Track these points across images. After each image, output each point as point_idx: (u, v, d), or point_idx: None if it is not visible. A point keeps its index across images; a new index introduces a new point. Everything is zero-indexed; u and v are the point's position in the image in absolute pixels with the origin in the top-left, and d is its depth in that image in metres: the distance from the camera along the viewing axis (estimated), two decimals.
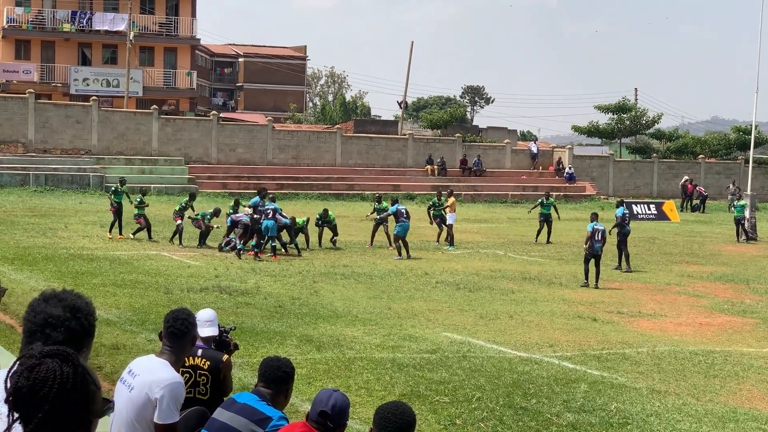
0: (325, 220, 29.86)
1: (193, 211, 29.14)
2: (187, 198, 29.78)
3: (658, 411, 11.48)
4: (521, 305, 19.58)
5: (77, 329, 3.34)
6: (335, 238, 29.97)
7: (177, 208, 28.93)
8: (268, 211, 26.12)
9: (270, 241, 26.46)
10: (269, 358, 6.29)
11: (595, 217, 24.34)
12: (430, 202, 34.01)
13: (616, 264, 27.26)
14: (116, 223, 29.17)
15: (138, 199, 29.17)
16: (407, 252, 27.68)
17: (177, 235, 28.34)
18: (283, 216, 27.23)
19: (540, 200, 35.26)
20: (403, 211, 28.20)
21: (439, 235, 32.00)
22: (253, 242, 26.81)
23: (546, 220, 34.11)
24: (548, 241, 33.74)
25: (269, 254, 26.26)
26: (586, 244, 23.61)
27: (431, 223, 32.93)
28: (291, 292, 19.86)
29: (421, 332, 15.91)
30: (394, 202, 29.30)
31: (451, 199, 32.20)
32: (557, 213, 36.09)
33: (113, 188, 30.32)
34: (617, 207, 28.92)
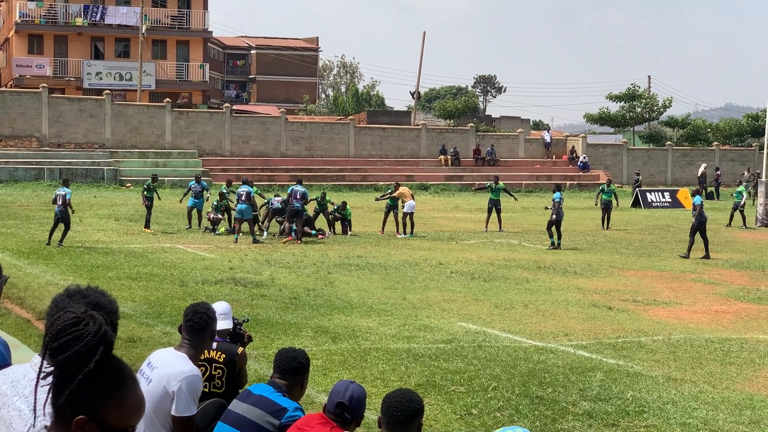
0: (343, 213, 31.16)
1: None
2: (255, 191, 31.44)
3: (674, 399, 11.46)
4: (536, 294, 19.55)
5: None
6: (350, 232, 30.99)
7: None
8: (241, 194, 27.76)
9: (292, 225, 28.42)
10: (284, 350, 6.30)
11: (558, 188, 30.10)
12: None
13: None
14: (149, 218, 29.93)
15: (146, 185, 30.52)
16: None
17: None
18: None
19: (601, 187, 37.08)
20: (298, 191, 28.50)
21: (397, 226, 31.11)
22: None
23: (606, 207, 35.63)
24: (607, 227, 35.40)
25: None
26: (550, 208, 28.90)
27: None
28: (305, 283, 19.87)
29: (436, 322, 15.90)
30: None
31: (400, 190, 31.54)
32: (617, 200, 37.50)
33: (146, 184, 30.73)
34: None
